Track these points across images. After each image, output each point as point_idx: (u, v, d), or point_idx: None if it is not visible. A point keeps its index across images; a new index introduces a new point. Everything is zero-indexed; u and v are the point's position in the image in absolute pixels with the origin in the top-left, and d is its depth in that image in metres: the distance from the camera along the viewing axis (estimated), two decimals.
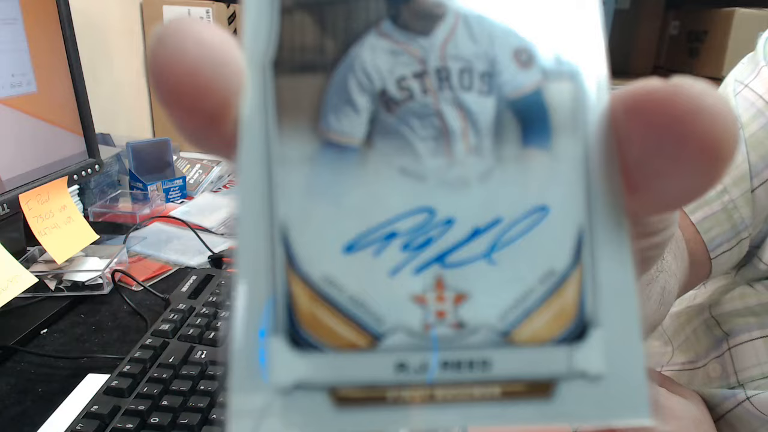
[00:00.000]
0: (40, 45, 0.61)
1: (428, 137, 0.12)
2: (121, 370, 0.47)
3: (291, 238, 0.11)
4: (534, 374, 0.11)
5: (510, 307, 0.12)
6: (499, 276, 0.12)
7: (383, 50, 0.12)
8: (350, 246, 0.12)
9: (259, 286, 0.11)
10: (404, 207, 0.12)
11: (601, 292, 0.12)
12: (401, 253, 0.12)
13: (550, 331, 0.12)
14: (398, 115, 0.12)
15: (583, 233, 0.12)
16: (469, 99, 0.12)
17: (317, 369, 0.11)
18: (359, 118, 0.12)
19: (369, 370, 0.11)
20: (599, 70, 0.13)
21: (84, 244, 0.66)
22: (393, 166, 0.12)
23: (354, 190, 0.12)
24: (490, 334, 0.11)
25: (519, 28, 0.13)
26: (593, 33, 0.13)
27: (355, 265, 0.11)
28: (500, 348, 0.12)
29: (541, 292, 0.12)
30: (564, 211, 0.12)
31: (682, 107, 0.11)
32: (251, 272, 0.11)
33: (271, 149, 0.12)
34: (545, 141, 0.12)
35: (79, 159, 0.69)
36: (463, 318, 0.11)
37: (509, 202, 0.12)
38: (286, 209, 0.11)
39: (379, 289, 0.11)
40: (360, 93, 0.12)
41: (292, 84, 0.12)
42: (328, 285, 0.11)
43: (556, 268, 0.12)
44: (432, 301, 0.12)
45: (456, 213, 0.12)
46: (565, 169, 0.12)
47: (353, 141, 0.12)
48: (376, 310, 0.11)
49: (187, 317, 0.56)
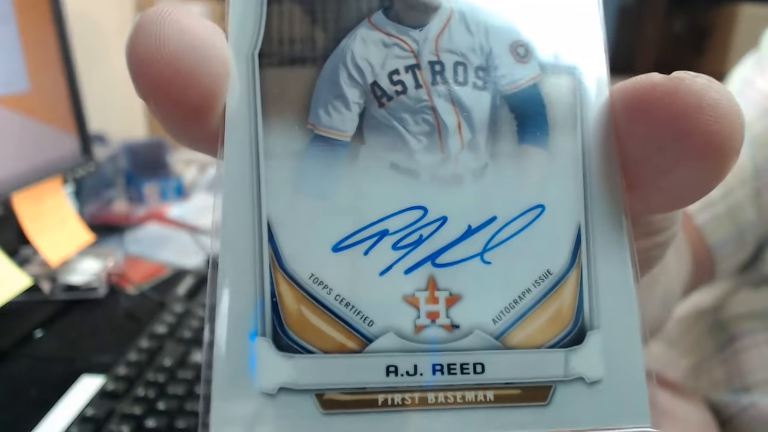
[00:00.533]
0: (33, 43, 0.61)
1: (421, 133, 0.12)
2: (116, 373, 0.46)
3: (277, 236, 0.11)
4: (530, 378, 0.11)
5: (505, 309, 0.11)
6: (494, 276, 0.11)
7: (375, 42, 0.12)
8: (339, 244, 0.11)
9: (245, 286, 0.11)
10: (395, 204, 0.11)
11: (600, 294, 0.11)
12: (392, 252, 0.11)
13: (547, 334, 0.11)
14: (390, 109, 0.12)
15: (581, 233, 0.12)
16: (463, 93, 0.12)
17: (304, 373, 0.11)
18: (349, 113, 0.12)
19: (358, 374, 0.11)
20: (598, 65, 0.13)
21: (78, 245, 0.65)
22: (384, 162, 0.11)
23: (343, 187, 0.11)
24: (484, 336, 0.11)
25: (516, 22, 0.13)
26: (592, 27, 0.13)
27: (343, 264, 0.11)
28: (494, 351, 0.11)
29: (537, 293, 0.11)
30: (561, 210, 0.12)
31: (684, 102, 0.11)
32: (237, 272, 0.11)
33: (258, 143, 0.11)
34: (542, 137, 0.12)
35: (74, 159, 0.68)
36: (456, 320, 0.11)
37: (504, 200, 0.12)
38: (273, 206, 0.11)
39: (368, 289, 0.11)
40: (350, 86, 0.12)
41: (279, 76, 0.12)
42: (315, 285, 0.11)
43: (553, 269, 0.12)
44: (424, 302, 0.11)
45: (449, 211, 0.11)
46: (563, 166, 0.12)
47: (343, 136, 0.12)
48: (366, 311, 0.11)
49: (183, 319, 0.55)
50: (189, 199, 0.98)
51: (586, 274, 0.12)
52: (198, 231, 0.84)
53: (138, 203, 0.93)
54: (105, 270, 0.66)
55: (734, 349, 0.44)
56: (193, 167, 1.08)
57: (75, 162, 0.68)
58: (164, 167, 0.99)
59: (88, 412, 0.42)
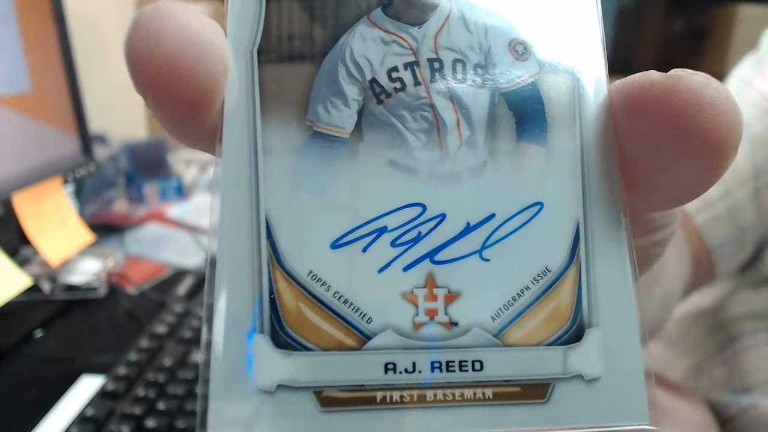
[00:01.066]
0: (34, 43, 0.61)
1: (420, 130, 0.12)
2: (116, 373, 0.46)
3: (276, 233, 0.11)
4: (528, 376, 0.11)
5: (503, 306, 0.11)
6: (492, 274, 0.11)
7: (374, 39, 0.12)
8: (337, 241, 0.11)
9: (243, 283, 0.11)
10: (394, 201, 0.11)
11: (599, 292, 0.12)
12: (391, 249, 0.11)
13: (545, 332, 0.11)
14: (389, 106, 0.12)
15: (580, 230, 0.12)
16: (462, 91, 0.12)
17: (303, 370, 0.11)
18: (348, 110, 0.12)
19: (357, 371, 0.11)
20: (597, 63, 0.13)
21: (79, 245, 0.65)
22: (383, 159, 0.11)
23: (342, 184, 0.11)
24: (482, 334, 0.11)
25: (514, 21, 0.13)
26: (591, 26, 0.13)
27: (342, 261, 0.11)
28: (493, 348, 0.11)
29: (536, 290, 0.11)
30: (560, 207, 0.12)
31: (682, 100, 0.11)
32: (235, 269, 0.11)
33: (256, 140, 0.11)
34: (540, 135, 0.12)
35: (74, 159, 0.68)
36: (455, 317, 0.11)
37: (503, 197, 0.12)
38: (271, 203, 0.11)
39: (367, 286, 0.11)
40: (349, 83, 0.12)
41: (278, 73, 0.12)
42: (314, 282, 0.11)
43: (551, 266, 0.12)
44: (422, 300, 0.11)
45: (448, 208, 0.11)
46: (561, 163, 0.12)
47: (342, 132, 0.12)
48: (364, 308, 0.11)
49: (183, 319, 0.55)
50: (189, 199, 0.98)
51: (585, 272, 0.12)
52: (198, 231, 0.84)
53: (138, 203, 0.93)
54: (105, 270, 0.66)
55: (734, 349, 0.44)
56: (194, 167, 1.08)
57: (75, 162, 0.68)
58: (164, 167, 0.99)
59: (88, 412, 0.42)
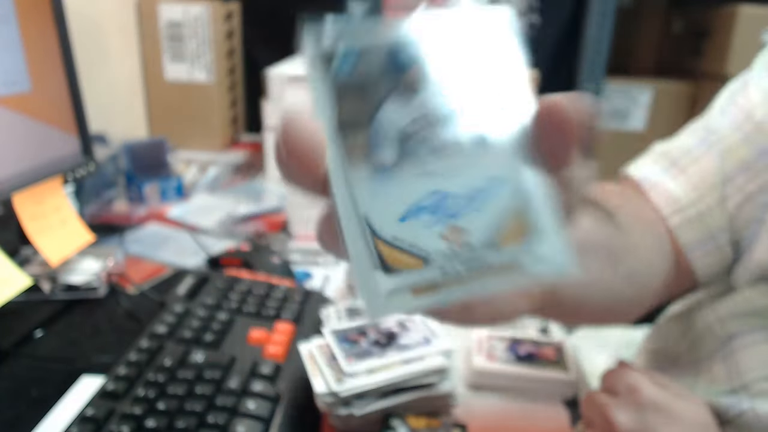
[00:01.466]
0: (34, 43, 0.61)
1: (433, 152, 0.21)
2: (116, 373, 0.46)
3: (371, 221, 0.21)
4: (509, 261, 0.21)
5: (493, 230, 0.21)
6: (484, 217, 0.21)
7: (396, 108, 0.21)
8: (402, 218, 0.21)
9: (362, 249, 0.21)
10: (426, 192, 0.21)
11: (538, 213, 0.21)
12: (430, 216, 0.21)
13: (515, 238, 0.21)
14: (413, 142, 0.21)
15: (523, 187, 0.21)
16: (451, 131, 0.21)
17: (400, 281, 0.21)
18: (391, 149, 0.21)
19: (427, 276, 0.21)
20: (526, 98, 0.22)
21: (79, 245, 0.65)
22: (416, 171, 0.21)
23: (396, 188, 0.21)
24: (484, 246, 0.21)
25: (466, 82, 0.22)
26: (517, 68, 0.22)
27: (407, 227, 0.21)
28: (490, 250, 0.21)
29: (508, 220, 0.21)
30: (512, 179, 0.21)
31: (559, 115, 0.21)
32: (356, 245, 0.21)
33: (348, 177, 0.21)
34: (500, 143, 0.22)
35: (74, 159, 0.68)
36: (469, 241, 0.21)
37: (484, 180, 0.21)
38: (364, 207, 0.21)
39: (422, 236, 0.21)
40: (387, 135, 0.21)
41: (350, 135, 0.21)
42: (395, 240, 0.21)
43: (517, 208, 0.21)
44: (450, 236, 0.21)
45: (456, 190, 0.21)
46: (509, 155, 0.22)
47: (389, 162, 0.21)
48: (423, 246, 0.21)
49: (183, 319, 0.55)
50: (189, 199, 0.98)
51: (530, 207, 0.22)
52: (198, 231, 0.84)
53: (138, 203, 0.93)
54: (105, 270, 0.66)
55: (733, 347, 0.44)
56: (193, 167, 1.08)
57: (75, 162, 0.68)
58: (164, 167, 0.99)
59: (88, 412, 0.42)
